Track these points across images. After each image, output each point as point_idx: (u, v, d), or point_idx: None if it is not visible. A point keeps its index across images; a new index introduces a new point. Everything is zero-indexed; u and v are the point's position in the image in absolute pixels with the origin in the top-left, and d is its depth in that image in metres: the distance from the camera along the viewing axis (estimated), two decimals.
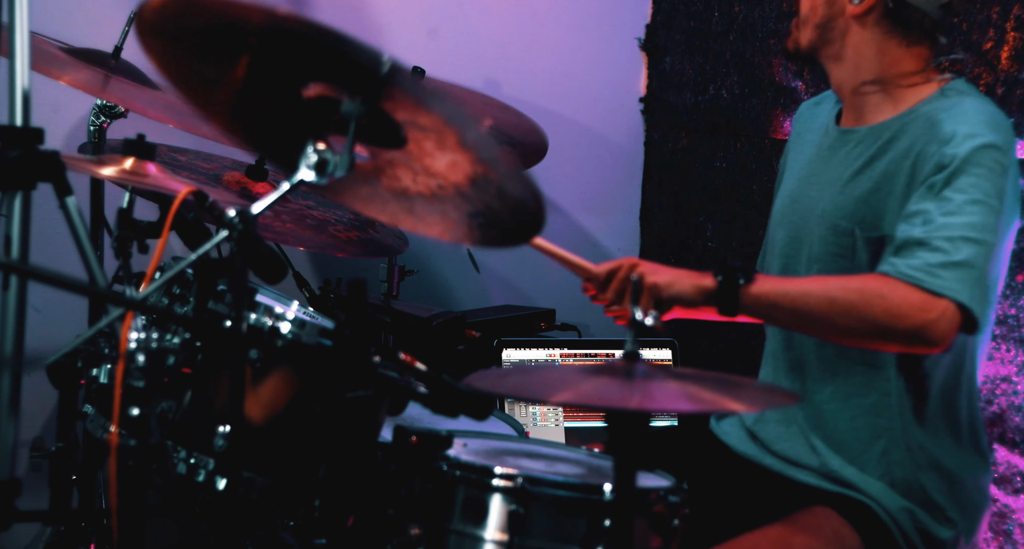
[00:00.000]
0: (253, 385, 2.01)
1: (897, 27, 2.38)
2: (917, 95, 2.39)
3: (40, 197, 1.95)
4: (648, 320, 1.76)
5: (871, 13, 2.37)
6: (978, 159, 2.21)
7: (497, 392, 1.98)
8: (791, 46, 2.48)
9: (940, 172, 2.22)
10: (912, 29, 2.37)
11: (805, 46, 2.45)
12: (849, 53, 2.41)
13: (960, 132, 2.23)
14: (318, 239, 2.95)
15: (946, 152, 2.22)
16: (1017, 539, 3.06)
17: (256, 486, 2.02)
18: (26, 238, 1.94)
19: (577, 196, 4.10)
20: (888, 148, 2.35)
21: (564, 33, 4.08)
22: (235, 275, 1.82)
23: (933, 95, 2.37)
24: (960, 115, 2.27)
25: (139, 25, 1.87)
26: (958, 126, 2.24)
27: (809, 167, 2.53)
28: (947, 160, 2.22)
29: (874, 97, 2.41)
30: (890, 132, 2.37)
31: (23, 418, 1.94)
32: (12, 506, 1.90)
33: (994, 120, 2.28)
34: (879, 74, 2.40)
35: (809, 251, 2.45)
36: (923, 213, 2.21)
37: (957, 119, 2.26)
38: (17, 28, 1.95)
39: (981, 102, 2.33)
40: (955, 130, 2.24)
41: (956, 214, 2.17)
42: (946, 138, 2.24)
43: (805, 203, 2.49)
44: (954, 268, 2.15)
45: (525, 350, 3.47)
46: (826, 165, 2.47)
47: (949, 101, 2.33)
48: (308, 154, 1.85)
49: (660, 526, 1.98)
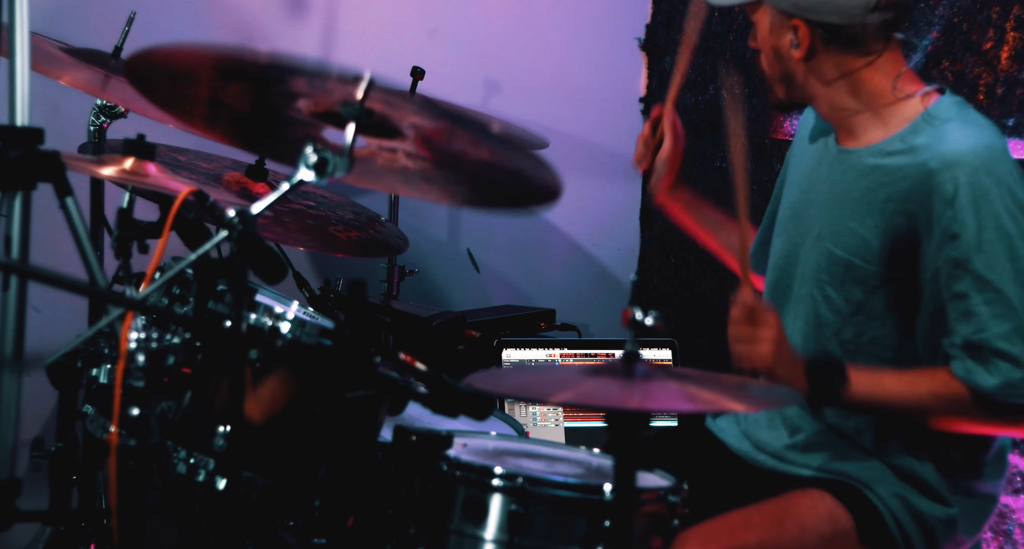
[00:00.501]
0: (253, 385, 2.01)
1: (847, 49, 2.34)
2: (902, 114, 2.35)
3: (40, 197, 1.95)
4: (648, 320, 1.76)
5: (815, 51, 2.35)
6: (988, 212, 2.20)
7: (497, 392, 1.98)
8: (776, 102, 2.50)
9: (953, 243, 2.22)
10: (862, 43, 2.33)
11: (785, 99, 2.47)
12: (820, 91, 2.39)
13: (960, 190, 2.20)
14: (318, 239, 2.95)
15: (955, 217, 2.21)
16: (1017, 539, 3.06)
17: (256, 486, 2.02)
18: (26, 238, 1.93)
19: (577, 196, 4.09)
20: (886, 182, 2.32)
21: (564, 33, 4.07)
22: (235, 275, 1.82)
23: (919, 119, 2.32)
24: (951, 162, 2.23)
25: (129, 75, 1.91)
26: (954, 179, 2.21)
27: (808, 181, 2.52)
28: (957, 228, 2.21)
29: (862, 117, 2.39)
30: (881, 159, 2.34)
31: (23, 418, 1.94)
32: (12, 506, 1.90)
33: (978, 142, 2.25)
34: (857, 97, 2.37)
35: (802, 270, 2.46)
36: (966, 299, 2.22)
37: (949, 169, 2.22)
38: (17, 28, 1.95)
39: (968, 129, 2.28)
40: (953, 187, 2.21)
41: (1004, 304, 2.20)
42: (947, 198, 2.21)
43: (804, 220, 2.49)
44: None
45: (525, 350, 3.46)
46: (825, 183, 2.46)
47: (940, 130, 2.28)
48: (308, 154, 1.85)
49: (660, 526, 1.98)
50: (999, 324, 2.20)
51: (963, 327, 2.23)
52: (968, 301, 2.22)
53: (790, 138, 3.62)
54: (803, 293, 2.44)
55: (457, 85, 3.65)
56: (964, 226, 2.20)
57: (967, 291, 2.22)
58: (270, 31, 3.65)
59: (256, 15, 3.63)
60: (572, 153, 3.97)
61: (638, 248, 4.22)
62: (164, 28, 3.37)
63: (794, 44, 2.36)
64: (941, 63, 3.18)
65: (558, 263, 4.18)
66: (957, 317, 2.24)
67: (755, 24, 2.44)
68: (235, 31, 3.59)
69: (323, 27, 3.69)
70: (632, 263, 4.22)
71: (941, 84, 2.40)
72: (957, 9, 3.13)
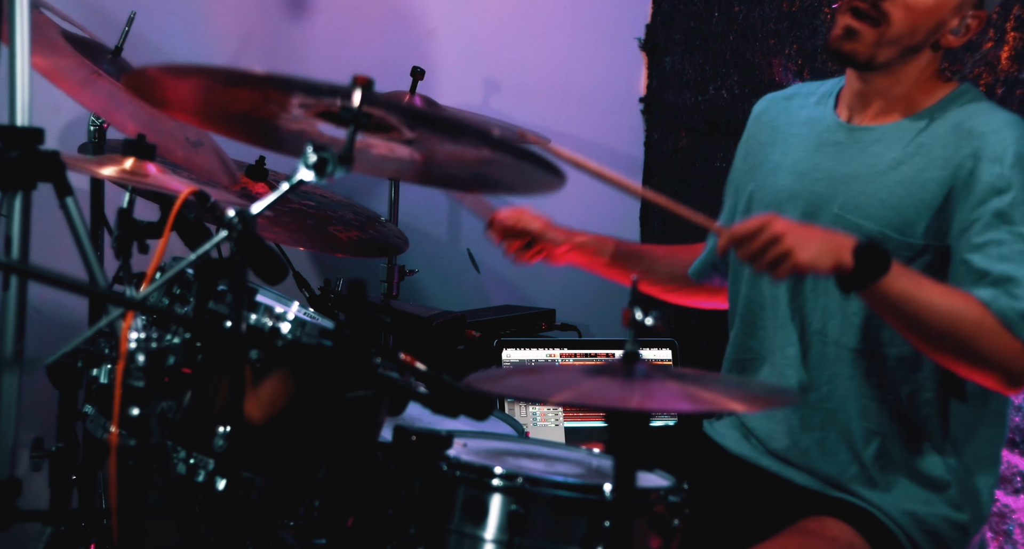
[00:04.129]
0: (253, 385, 2.01)
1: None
2: (928, 96, 2.41)
3: (40, 197, 1.95)
4: (648, 320, 1.76)
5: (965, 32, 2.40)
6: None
7: (497, 392, 1.98)
8: (860, 57, 2.39)
9: (999, 196, 2.26)
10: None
11: (880, 61, 2.39)
12: (909, 70, 2.42)
13: (1009, 150, 2.27)
14: (318, 239, 2.95)
15: (1003, 174, 2.26)
16: (1017, 539, 3.06)
17: (256, 486, 2.02)
18: (26, 238, 1.94)
19: (577, 196, 4.09)
20: (917, 153, 2.36)
21: (564, 33, 4.08)
22: (235, 275, 1.82)
23: (947, 97, 2.40)
24: (998, 128, 2.31)
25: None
26: (1003, 141, 2.28)
27: (809, 162, 2.50)
28: (1004, 183, 2.26)
29: (898, 98, 2.42)
30: (911, 134, 2.39)
31: (23, 418, 1.94)
32: (12, 506, 1.90)
33: (1015, 118, 2.34)
34: (915, 81, 2.42)
35: None
36: (999, 244, 2.24)
37: (997, 132, 2.30)
38: (17, 28, 1.95)
39: (1003, 111, 2.38)
40: (1003, 147, 2.28)
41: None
42: (996, 156, 2.27)
43: (810, 200, 2.46)
44: None
45: (525, 350, 3.47)
46: (835, 162, 2.45)
47: (974, 107, 2.37)
48: (308, 154, 1.85)
49: (660, 526, 1.98)
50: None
51: (996, 266, 2.23)
52: (1003, 247, 2.23)
53: None
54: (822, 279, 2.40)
55: (457, 85, 3.65)
56: (1012, 183, 2.24)
57: (1003, 238, 2.24)
58: (270, 31, 3.65)
59: (256, 15, 3.63)
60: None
61: None
62: (164, 28, 3.37)
63: (955, 30, 2.39)
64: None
65: None
66: (988, 261, 2.24)
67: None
68: (235, 31, 3.59)
69: (323, 27, 3.69)
70: None
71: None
72: None
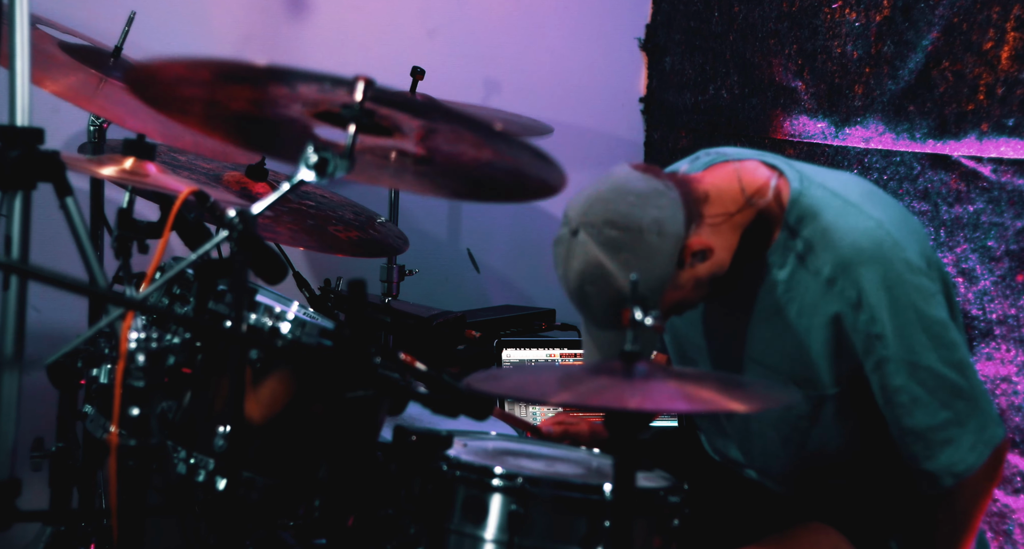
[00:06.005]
0: (253, 385, 2.01)
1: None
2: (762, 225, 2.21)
3: (40, 197, 1.95)
4: (648, 320, 1.76)
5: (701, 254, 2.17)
6: (902, 302, 2.13)
7: (497, 392, 1.98)
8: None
9: (880, 341, 2.14)
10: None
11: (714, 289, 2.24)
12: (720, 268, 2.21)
13: (868, 289, 2.12)
14: (318, 239, 2.95)
15: (873, 317, 2.13)
16: (1017, 539, 3.06)
17: (256, 486, 2.02)
18: (26, 238, 1.94)
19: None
20: (790, 304, 2.21)
21: (564, 33, 4.08)
22: (235, 275, 1.82)
23: (785, 226, 2.19)
24: (844, 267, 2.14)
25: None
26: (856, 283, 2.13)
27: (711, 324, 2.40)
28: (878, 328, 2.14)
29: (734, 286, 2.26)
30: (779, 280, 2.22)
31: (23, 418, 1.94)
32: (12, 506, 1.90)
33: (857, 231, 2.16)
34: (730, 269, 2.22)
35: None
36: (903, 391, 2.15)
37: (846, 273, 2.14)
38: (17, 29, 1.95)
39: (835, 219, 2.18)
40: (856, 290, 2.13)
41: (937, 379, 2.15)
42: (856, 301, 2.13)
43: (721, 354, 2.39)
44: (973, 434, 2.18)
45: (525, 350, 3.46)
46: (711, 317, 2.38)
47: (811, 234, 2.17)
48: (308, 154, 1.85)
49: (660, 526, 1.98)
50: (938, 401, 2.16)
51: (907, 420, 2.17)
52: (905, 391, 2.16)
53: (790, 138, 3.62)
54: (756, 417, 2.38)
55: (457, 85, 3.65)
56: (881, 323, 2.13)
57: (903, 383, 2.15)
58: (270, 31, 3.65)
59: (256, 15, 3.63)
60: (572, 153, 3.96)
61: None
62: (164, 28, 3.37)
63: (703, 258, 2.15)
64: (941, 63, 3.18)
65: None
66: (901, 416, 2.17)
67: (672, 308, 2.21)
68: (235, 31, 3.59)
69: (323, 27, 3.69)
70: None
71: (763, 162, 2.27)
72: (957, 9, 3.13)
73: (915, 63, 3.23)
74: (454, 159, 2.07)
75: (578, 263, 2.11)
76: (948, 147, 3.15)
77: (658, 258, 2.10)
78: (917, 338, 2.14)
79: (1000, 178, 3.04)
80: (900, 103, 3.26)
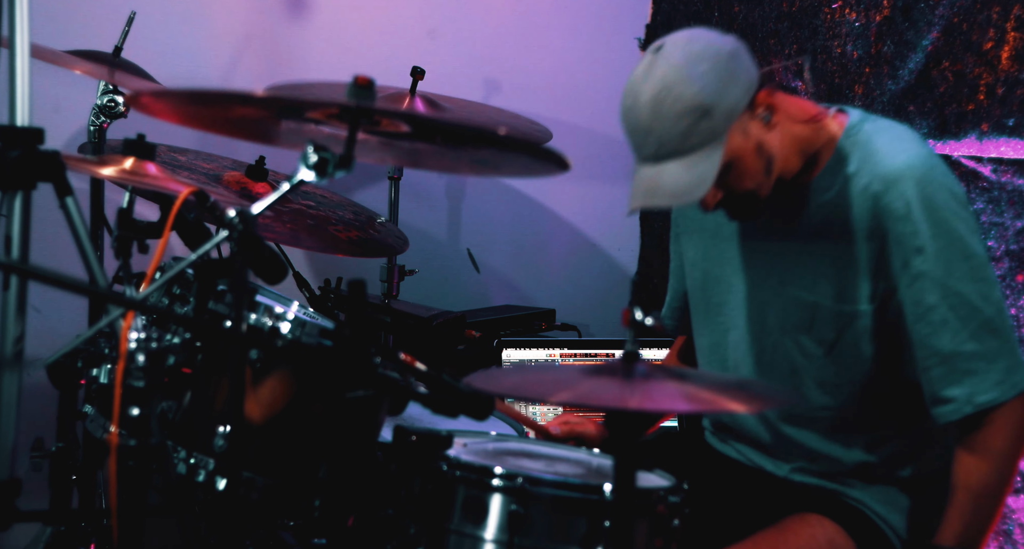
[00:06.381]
0: (253, 385, 2.01)
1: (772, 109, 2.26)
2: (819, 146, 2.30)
3: (40, 197, 1.95)
4: (648, 320, 1.76)
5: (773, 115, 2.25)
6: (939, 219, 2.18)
7: (497, 392, 1.98)
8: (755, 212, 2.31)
9: (919, 255, 2.19)
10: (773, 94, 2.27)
11: (771, 189, 2.29)
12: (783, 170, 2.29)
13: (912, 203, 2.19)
14: (318, 239, 2.95)
15: (915, 230, 2.19)
16: (1017, 539, 3.06)
17: (256, 486, 2.02)
18: (26, 238, 1.94)
19: (577, 196, 4.10)
20: (834, 220, 2.28)
21: (564, 33, 4.08)
22: (235, 275, 1.82)
23: (841, 144, 2.29)
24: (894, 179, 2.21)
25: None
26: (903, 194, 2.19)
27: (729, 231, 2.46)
28: (919, 241, 2.19)
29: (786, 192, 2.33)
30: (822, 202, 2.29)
31: (23, 418, 1.94)
32: (12, 506, 1.90)
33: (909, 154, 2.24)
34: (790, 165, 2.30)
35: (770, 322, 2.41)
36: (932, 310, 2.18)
37: (895, 186, 2.20)
38: (17, 28, 1.95)
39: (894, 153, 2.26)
40: (904, 201, 2.19)
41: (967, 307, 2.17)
42: (901, 213, 2.19)
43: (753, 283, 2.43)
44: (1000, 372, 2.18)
45: (525, 350, 3.47)
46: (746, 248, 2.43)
47: (863, 153, 2.26)
48: (308, 154, 1.85)
49: (660, 526, 1.98)
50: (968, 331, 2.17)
51: (938, 341, 2.19)
52: (934, 312, 2.18)
53: None
54: (769, 344, 2.40)
55: (457, 85, 3.65)
56: (924, 237, 2.18)
57: (934, 303, 2.18)
58: (270, 31, 3.65)
59: (256, 15, 3.63)
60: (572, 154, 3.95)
61: (638, 248, 4.22)
62: (164, 28, 3.37)
63: (767, 116, 2.23)
64: (941, 63, 3.18)
65: (558, 263, 4.18)
66: (931, 334, 2.19)
67: (731, 165, 2.23)
68: (235, 31, 3.59)
69: (323, 27, 3.69)
70: (632, 263, 4.22)
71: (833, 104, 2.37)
72: (957, 9, 3.13)
73: (915, 63, 3.23)
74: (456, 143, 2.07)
75: (659, 71, 2.20)
76: (948, 147, 3.15)
77: (734, 86, 2.17)
78: (957, 264, 2.18)
79: (1000, 178, 3.04)
80: (900, 103, 3.26)
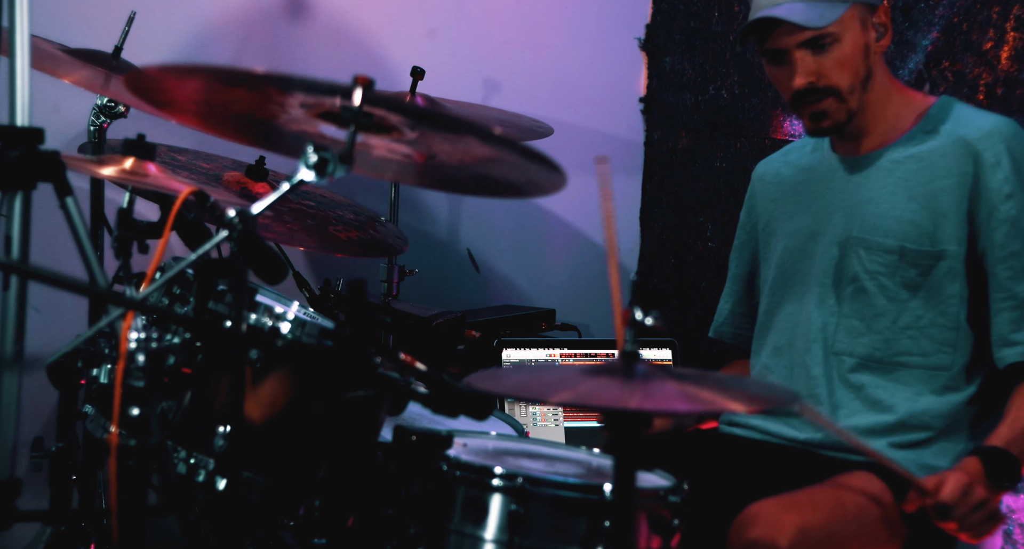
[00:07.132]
0: (253, 385, 2.01)
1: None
2: (909, 109, 2.49)
3: (40, 197, 1.95)
4: (648, 320, 1.76)
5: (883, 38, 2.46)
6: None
7: (497, 392, 1.98)
8: (842, 124, 2.47)
9: (1008, 201, 2.35)
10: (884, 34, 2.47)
11: (856, 109, 2.46)
12: (875, 93, 2.48)
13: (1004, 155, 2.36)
14: (318, 239, 2.95)
15: (1007, 178, 2.35)
16: (1017, 539, 3.06)
17: (256, 486, 2.02)
18: (26, 238, 1.93)
19: (577, 196, 4.09)
20: (920, 168, 2.44)
21: (564, 33, 4.08)
22: (235, 275, 1.82)
23: (931, 112, 2.47)
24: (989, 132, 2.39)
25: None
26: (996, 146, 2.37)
27: (821, 201, 2.58)
28: (1009, 188, 2.35)
29: (871, 118, 2.49)
30: (910, 152, 2.45)
31: (23, 418, 1.94)
32: (12, 506, 1.90)
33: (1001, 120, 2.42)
34: (886, 98, 2.48)
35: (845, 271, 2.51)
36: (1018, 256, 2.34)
37: (990, 137, 2.38)
38: (17, 28, 1.95)
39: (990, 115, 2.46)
40: (997, 152, 2.36)
41: None
42: (994, 161, 2.36)
43: (831, 232, 2.54)
44: None
45: (525, 350, 3.46)
46: (845, 193, 2.53)
47: (961, 116, 2.45)
48: (308, 154, 1.85)
49: (660, 526, 1.98)
50: None
51: (1019, 285, 2.34)
52: (1021, 258, 2.34)
53: (790, 138, 3.62)
54: (848, 293, 2.50)
55: (457, 85, 3.65)
56: (1015, 186, 2.34)
57: (1019, 249, 2.34)
58: (270, 31, 3.65)
59: (256, 15, 3.63)
60: (572, 154, 3.96)
61: (638, 248, 4.22)
62: (164, 28, 3.37)
63: (880, 34, 2.45)
64: (941, 63, 3.19)
65: (558, 263, 4.17)
66: (1013, 277, 2.34)
67: (832, 39, 2.41)
68: (235, 31, 3.59)
69: (323, 27, 3.69)
70: (632, 263, 4.22)
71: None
72: (957, 9, 3.13)
73: (915, 63, 3.23)
74: (455, 156, 2.07)
75: None
76: None
77: None
78: None
79: None
80: None
